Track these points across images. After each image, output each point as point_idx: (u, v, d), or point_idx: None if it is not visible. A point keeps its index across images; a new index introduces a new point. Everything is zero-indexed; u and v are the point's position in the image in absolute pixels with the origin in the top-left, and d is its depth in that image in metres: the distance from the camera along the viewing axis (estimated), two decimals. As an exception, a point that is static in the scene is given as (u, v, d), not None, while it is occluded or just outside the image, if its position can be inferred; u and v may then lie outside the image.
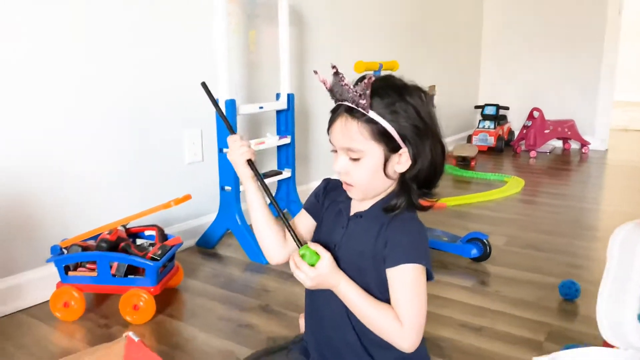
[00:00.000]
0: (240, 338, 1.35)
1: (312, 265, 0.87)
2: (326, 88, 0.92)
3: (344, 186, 0.93)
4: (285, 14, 2.01)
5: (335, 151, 0.92)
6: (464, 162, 3.51)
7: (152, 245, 1.55)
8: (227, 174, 1.85)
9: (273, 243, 1.00)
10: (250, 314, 1.49)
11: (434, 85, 3.82)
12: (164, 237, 1.59)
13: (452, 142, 4.14)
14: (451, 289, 1.64)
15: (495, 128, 4.11)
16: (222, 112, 1.04)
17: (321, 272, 0.87)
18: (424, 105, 0.91)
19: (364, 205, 0.96)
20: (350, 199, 0.98)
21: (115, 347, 1.24)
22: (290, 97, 2.07)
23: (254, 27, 2.16)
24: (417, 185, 0.92)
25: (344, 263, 0.92)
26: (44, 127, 1.52)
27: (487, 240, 1.81)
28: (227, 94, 1.79)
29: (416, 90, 0.91)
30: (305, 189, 2.40)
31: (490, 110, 4.18)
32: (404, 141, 0.88)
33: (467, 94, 4.52)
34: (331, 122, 0.92)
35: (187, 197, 1.52)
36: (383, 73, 1.95)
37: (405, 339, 0.86)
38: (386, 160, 0.89)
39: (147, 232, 1.60)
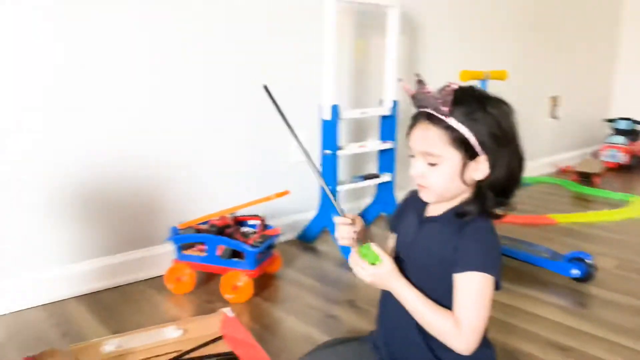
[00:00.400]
0: (323, 327, 1.45)
1: (373, 264, 0.92)
2: (409, 95, 0.97)
3: (418, 188, 0.97)
4: (394, 23, 2.07)
5: (413, 156, 0.96)
6: (586, 179, 3.28)
7: (254, 233, 1.70)
8: (327, 174, 1.96)
9: None
10: (337, 307, 1.57)
11: (558, 97, 3.62)
12: (265, 227, 1.74)
13: (574, 157, 3.88)
14: (544, 306, 1.58)
15: (628, 144, 3.77)
16: (286, 119, 1.04)
17: (379, 272, 0.92)
18: (504, 117, 0.92)
19: (438, 210, 0.99)
20: (425, 203, 1.02)
21: (212, 319, 1.40)
22: (394, 104, 2.12)
23: (362, 36, 2.25)
24: (493, 193, 0.93)
25: (412, 264, 0.96)
26: (173, 125, 1.76)
27: (590, 261, 1.71)
28: (331, 99, 1.89)
29: (498, 102, 0.93)
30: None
31: (623, 125, 3.84)
32: (482, 149, 0.90)
33: (595, 105, 4.19)
34: (411, 127, 0.96)
35: (286, 193, 1.65)
36: (490, 82, 1.94)
37: (462, 342, 0.88)
38: (463, 167, 0.91)
39: (251, 222, 1.75)
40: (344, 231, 0.98)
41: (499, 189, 0.93)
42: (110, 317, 1.49)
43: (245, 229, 1.74)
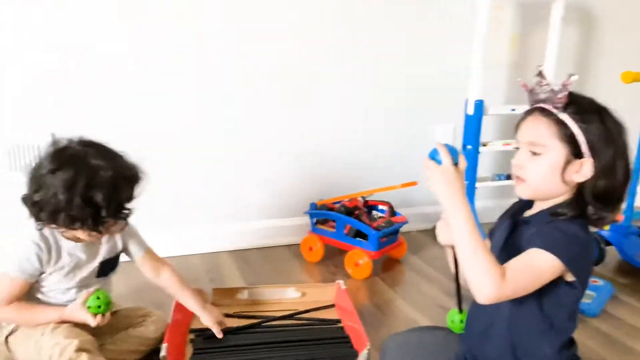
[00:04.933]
0: (429, 314, 1.52)
1: None
2: (526, 90, 0.97)
3: (515, 181, 0.96)
4: (558, 14, 1.96)
5: (518, 148, 0.96)
6: None
7: (381, 218, 1.83)
8: (467, 169, 1.96)
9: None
10: (448, 299, 1.61)
11: None
12: (393, 213, 1.85)
13: None
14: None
15: None
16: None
17: (450, 172, 0.94)
18: (618, 129, 0.90)
19: (532, 212, 0.98)
20: (523, 209, 1.02)
21: (328, 287, 1.58)
22: (549, 102, 2.02)
23: (525, 28, 2.17)
24: (594, 199, 0.91)
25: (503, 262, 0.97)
26: (319, 119, 1.99)
27: None
28: (476, 94, 1.90)
29: (614, 116, 0.91)
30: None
31: None
32: (589, 151, 0.88)
33: None
34: (521, 120, 0.96)
35: (414, 183, 1.73)
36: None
37: (496, 292, 0.84)
38: (566, 164, 0.89)
39: (381, 207, 1.88)
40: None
41: (599, 196, 0.90)
42: (251, 271, 1.77)
43: (374, 213, 1.87)
